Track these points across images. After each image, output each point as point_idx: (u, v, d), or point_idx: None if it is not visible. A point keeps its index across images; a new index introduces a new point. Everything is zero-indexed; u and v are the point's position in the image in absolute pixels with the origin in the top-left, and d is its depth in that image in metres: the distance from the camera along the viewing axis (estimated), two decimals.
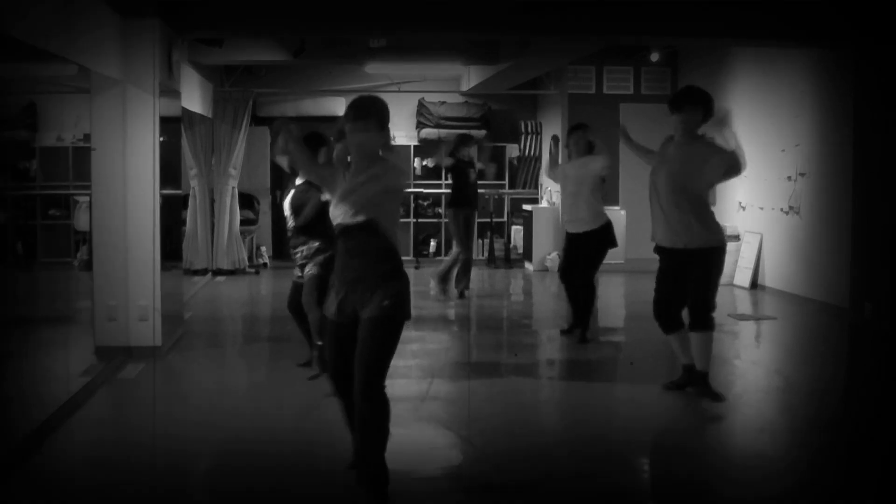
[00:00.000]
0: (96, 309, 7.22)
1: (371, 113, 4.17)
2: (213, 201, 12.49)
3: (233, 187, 12.55)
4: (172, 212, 8.06)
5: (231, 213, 12.53)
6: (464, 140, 10.68)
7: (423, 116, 14.09)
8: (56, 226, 12.06)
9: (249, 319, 10.07)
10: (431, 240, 14.39)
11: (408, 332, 8.34)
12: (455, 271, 10.41)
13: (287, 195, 6.60)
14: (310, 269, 6.45)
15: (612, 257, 10.86)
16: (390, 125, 4.35)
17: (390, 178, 4.25)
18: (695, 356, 5.98)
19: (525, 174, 14.50)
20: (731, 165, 5.89)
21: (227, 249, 12.46)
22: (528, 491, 4.53)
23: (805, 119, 10.10)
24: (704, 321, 5.90)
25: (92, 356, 7.06)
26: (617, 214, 12.80)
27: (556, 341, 8.06)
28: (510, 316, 10.18)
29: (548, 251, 13.00)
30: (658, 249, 6.06)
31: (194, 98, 10.84)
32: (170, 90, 7.70)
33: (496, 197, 14.20)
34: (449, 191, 11.14)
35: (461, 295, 10.36)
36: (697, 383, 6.02)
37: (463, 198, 10.37)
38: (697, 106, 5.90)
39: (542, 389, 6.56)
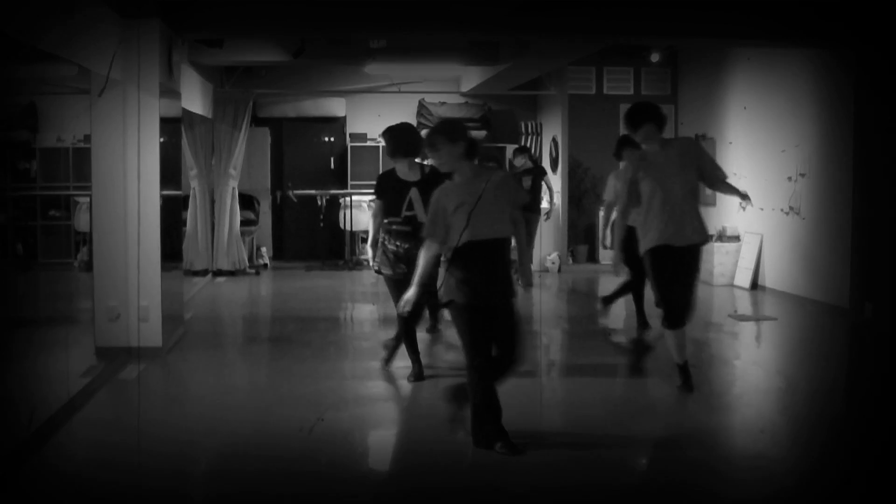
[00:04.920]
0: (96, 309, 7.22)
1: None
2: (213, 202, 12.49)
3: (233, 188, 12.55)
4: (172, 212, 8.06)
5: (231, 213, 12.53)
6: (520, 150, 11.27)
7: (424, 117, 14.08)
8: (56, 226, 12.06)
9: (249, 320, 10.08)
10: None
11: None
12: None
13: (414, 185, 6.37)
14: (404, 268, 6.31)
15: (607, 257, 10.96)
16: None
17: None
18: (679, 350, 6.15)
19: None
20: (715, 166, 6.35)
21: (227, 250, 12.46)
22: (528, 491, 4.54)
23: (805, 119, 10.10)
24: (689, 317, 6.15)
25: (92, 357, 7.07)
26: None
27: (556, 341, 8.05)
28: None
29: (548, 252, 13.03)
30: (661, 249, 6.05)
31: (194, 98, 10.84)
32: (170, 91, 7.71)
33: None
34: None
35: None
36: (686, 375, 6.17)
37: (531, 203, 10.63)
38: (657, 118, 6.22)
39: (543, 390, 6.56)
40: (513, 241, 5.03)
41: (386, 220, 6.44)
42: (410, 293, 5.00)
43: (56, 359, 6.88)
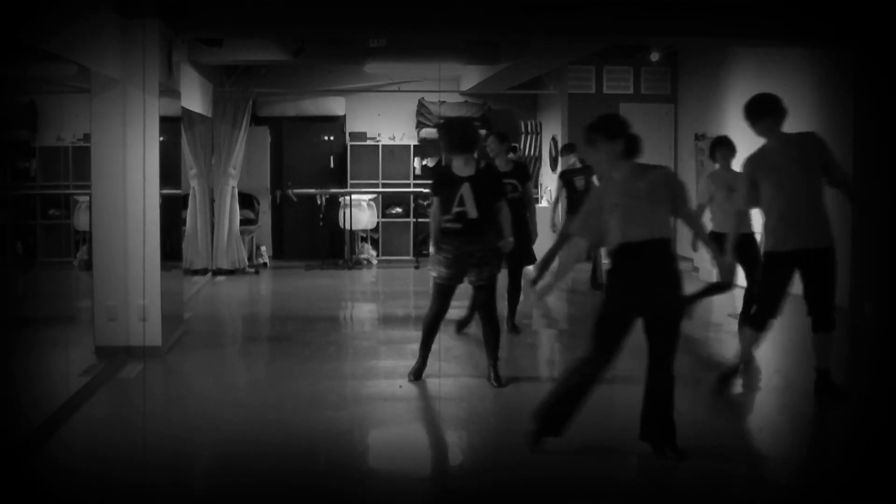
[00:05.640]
0: (96, 309, 7.22)
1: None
2: (212, 201, 12.49)
3: (233, 187, 12.55)
4: (172, 212, 8.06)
5: (231, 212, 12.53)
6: (567, 148, 10.83)
7: (423, 116, 14.09)
8: (56, 226, 12.05)
9: (249, 319, 10.08)
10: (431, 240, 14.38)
11: (409, 332, 8.37)
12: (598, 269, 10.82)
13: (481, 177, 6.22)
14: (455, 274, 6.23)
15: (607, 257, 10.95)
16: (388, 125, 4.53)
17: None
18: (822, 355, 5.90)
19: None
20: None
21: (227, 249, 12.45)
22: (527, 490, 4.54)
23: (805, 119, 10.09)
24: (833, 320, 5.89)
25: (92, 356, 7.07)
26: None
27: (556, 341, 8.04)
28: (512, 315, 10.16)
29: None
30: (785, 255, 5.76)
31: (194, 98, 10.84)
32: (170, 90, 7.71)
33: None
34: None
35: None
36: (827, 381, 5.92)
37: (572, 205, 10.30)
38: (778, 111, 5.94)
39: (542, 389, 6.55)
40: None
41: (441, 218, 6.31)
42: (543, 284, 4.94)
43: (56, 358, 6.88)
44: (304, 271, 12.90)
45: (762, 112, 5.88)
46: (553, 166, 13.37)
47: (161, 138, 7.26)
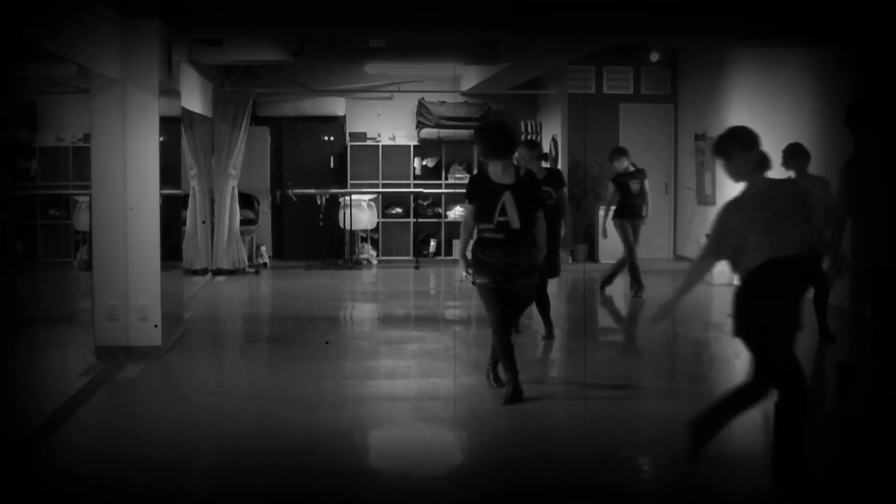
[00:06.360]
0: (96, 309, 7.22)
1: None
2: (212, 201, 12.49)
3: (233, 187, 12.55)
4: (172, 212, 8.06)
5: (231, 213, 12.53)
6: (618, 151, 10.63)
7: (423, 116, 14.09)
8: (56, 226, 12.05)
9: (249, 319, 10.08)
10: (431, 240, 14.39)
11: (408, 332, 8.36)
12: (617, 275, 10.54)
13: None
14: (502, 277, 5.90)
15: (615, 258, 10.92)
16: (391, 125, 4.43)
17: None
18: None
19: None
20: None
21: (226, 249, 12.45)
22: (528, 491, 4.54)
23: (805, 119, 10.10)
24: None
25: (92, 356, 7.07)
26: None
27: (556, 341, 8.03)
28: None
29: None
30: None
31: (194, 98, 10.84)
32: (169, 90, 7.70)
33: None
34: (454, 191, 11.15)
35: (636, 294, 10.22)
36: None
37: (626, 209, 10.32)
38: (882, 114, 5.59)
39: (543, 388, 6.55)
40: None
41: (478, 227, 5.97)
42: (667, 303, 4.71)
43: (55, 358, 6.89)
44: (304, 271, 12.90)
45: (864, 115, 5.54)
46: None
47: (161, 138, 7.26)
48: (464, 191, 6.21)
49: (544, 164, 8.30)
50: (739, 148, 4.41)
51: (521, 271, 5.91)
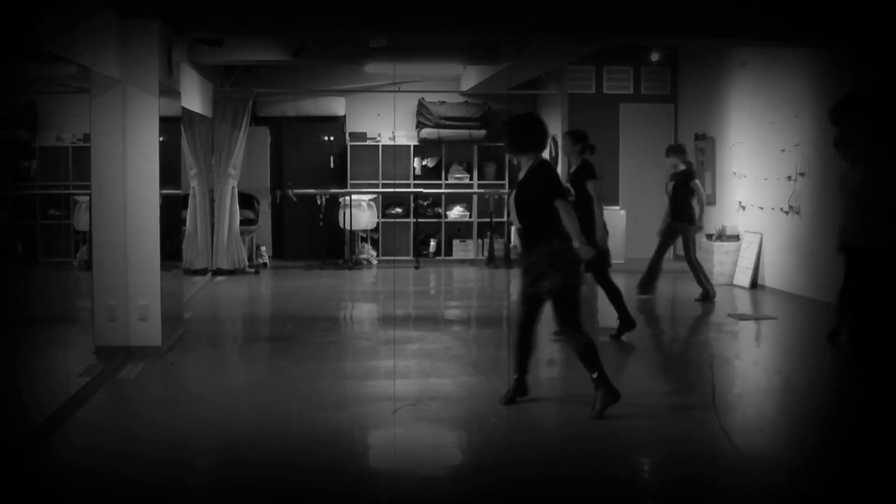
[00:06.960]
0: (96, 309, 7.22)
1: None
2: (212, 201, 12.49)
3: (233, 187, 12.55)
4: (172, 212, 8.06)
5: (231, 213, 12.53)
6: (673, 149, 10.21)
7: (423, 116, 14.09)
8: (56, 226, 12.05)
9: (249, 319, 10.08)
10: (431, 240, 14.39)
11: (407, 332, 8.36)
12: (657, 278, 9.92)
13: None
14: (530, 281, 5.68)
15: (613, 257, 10.88)
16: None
17: None
18: None
19: None
20: None
21: (226, 249, 12.46)
22: (527, 490, 4.54)
23: (805, 119, 10.10)
24: None
25: (92, 356, 7.07)
26: (616, 214, 12.82)
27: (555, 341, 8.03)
28: (510, 315, 10.17)
29: None
30: None
31: (194, 98, 10.84)
32: (169, 90, 7.70)
33: (496, 197, 14.19)
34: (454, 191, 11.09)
35: (642, 294, 9.73)
36: None
37: (683, 211, 9.85)
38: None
39: (542, 388, 6.55)
40: None
41: None
42: None
43: (55, 358, 6.88)
44: (304, 271, 12.90)
45: (851, 113, 5.73)
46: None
47: (161, 138, 7.26)
48: (463, 191, 6.20)
49: (585, 156, 7.72)
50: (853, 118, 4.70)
51: (541, 270, 5.60)
